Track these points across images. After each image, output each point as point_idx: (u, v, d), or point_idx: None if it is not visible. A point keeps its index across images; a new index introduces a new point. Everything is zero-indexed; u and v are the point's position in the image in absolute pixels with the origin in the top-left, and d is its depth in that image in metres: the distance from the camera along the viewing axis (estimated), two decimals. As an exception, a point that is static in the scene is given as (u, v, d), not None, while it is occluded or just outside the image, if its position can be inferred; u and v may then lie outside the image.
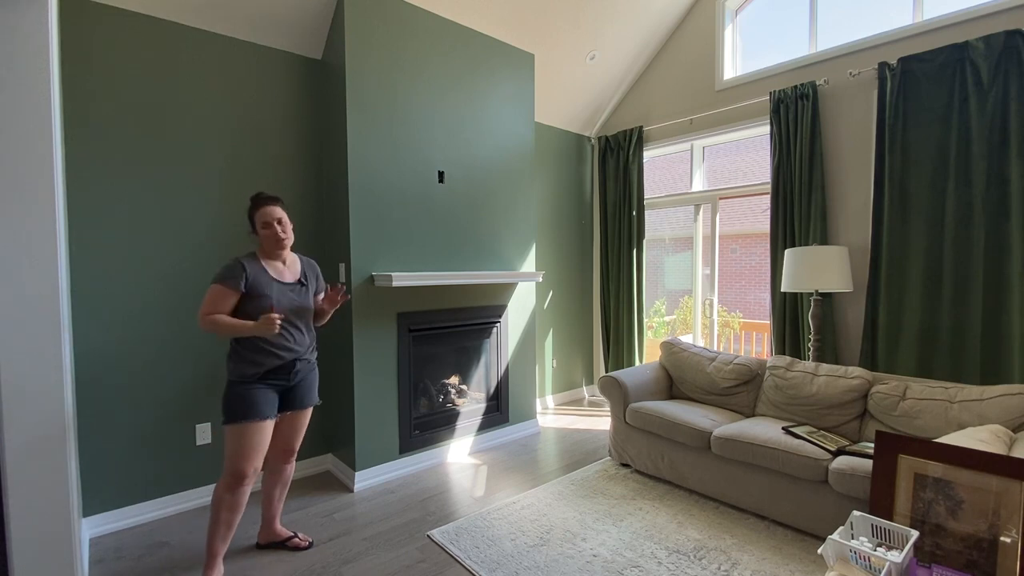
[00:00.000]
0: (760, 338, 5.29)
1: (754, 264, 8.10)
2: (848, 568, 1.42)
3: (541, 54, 3.81)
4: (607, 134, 4.67)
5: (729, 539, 2.33)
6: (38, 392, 1.64)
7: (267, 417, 2.03)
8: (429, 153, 3.16)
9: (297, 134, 3.02)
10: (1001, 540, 1.51)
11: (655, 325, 6.27)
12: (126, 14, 2.46)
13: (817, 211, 3.25)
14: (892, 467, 1.74)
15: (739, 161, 7.60)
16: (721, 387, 3.10)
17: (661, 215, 6.08)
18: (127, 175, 2.49)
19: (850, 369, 2.69)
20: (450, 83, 3.25)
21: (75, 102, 2.35)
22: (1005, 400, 2.20)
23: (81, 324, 2.38)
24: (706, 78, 3.99)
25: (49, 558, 1.66)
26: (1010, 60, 2.58)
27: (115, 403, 2.47)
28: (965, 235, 2.74)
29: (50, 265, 1.65)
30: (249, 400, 2.00)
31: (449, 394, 3.46)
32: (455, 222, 3.33)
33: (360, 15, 2.82)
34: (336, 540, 2.37)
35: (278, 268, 2.13)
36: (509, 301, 3.69)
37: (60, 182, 1.75)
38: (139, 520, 2.53)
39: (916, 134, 2.88)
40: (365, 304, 2.91)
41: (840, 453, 2.31)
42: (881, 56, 3.07)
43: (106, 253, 2.44)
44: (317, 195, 3.12)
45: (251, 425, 1.98)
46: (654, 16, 3.96)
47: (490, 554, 2.23)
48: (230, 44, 2.76)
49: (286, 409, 2.17)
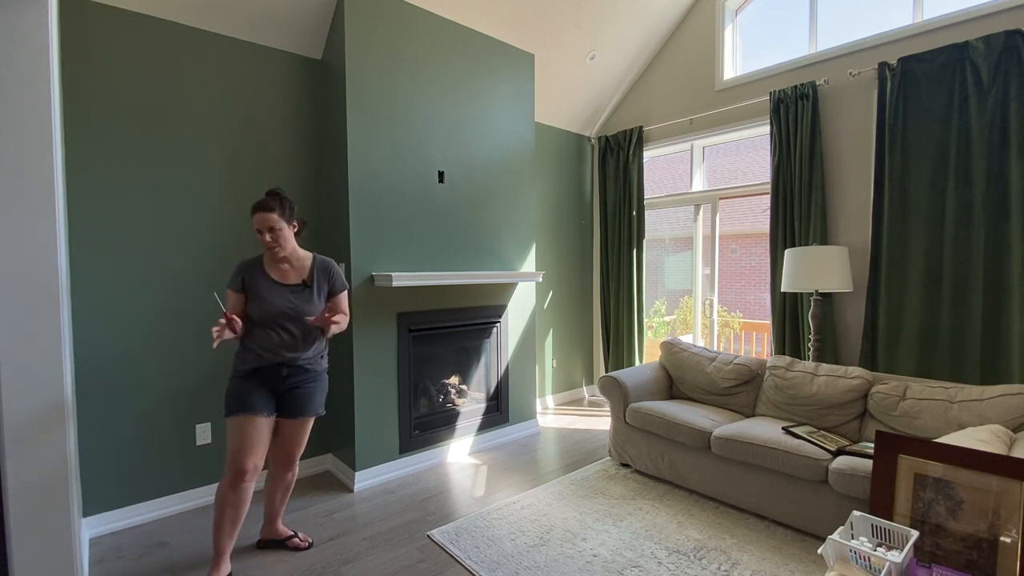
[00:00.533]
0: (760, 338, 5.29)
1: (754, 264, 8.10)
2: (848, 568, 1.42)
3: (541, 54, 3.81)
4: (607, 134, 4.67)
5: (729, 539, 2.33)
6: (38, 392, 1.64)
7: (257, 412, 2.00)
8: (429, 153, 3.16)
9: (297, 134, 3.02)
10: (1001, 540, 1.51)
11: (655, 325, 6.27)
12: (126, 14, 2.46)
13: (817, 211, 3.25)
14: (892, 467, 1.74)
15: (739, 161, 7.60)
16: (721, 387, 3.10)
17: (661, 215, 6.08)
18: (127, 175, 2.49)
19: (850, 369, 2.69)
20: (450, 83, 3.25)
21: (75, 102, 2.35)
22: (1005, 400, 2.20)
23: (81, 324, 2.38)
24: (706, 78, 3.99)
25: (49, 558, 1.66)
26: (1010, 60, 2.58)
27: (115, 403, 2.47)
28: (965, 235, 2.74)
29: (50, 265, 1.65)
30: (236, 393, 2.02)
31: (449, 394, 3.46)
32: (455, 222, 3.33)
33: (360, 15, 2.82)
34: (336, 540, 2.37)
35: (281, 270, 2.12)
36: (509, 301, 3.69)
37: (60, 182, 1.75)
38: (139, 520, 2.53)
39: (916, 134, 2.88)
40: (365, 304, 2.91)
41: (840, 453, 2.31)
42: (881, 56, 3.07)
43: (106, 253, 2.44)
44: (317, 195, 3.12)
45: (241, 419, 1.98)
46: (654, 16, 3.96)
47: (490, 554, 2.23)
48: (230, 44, 2.76)
49: (281, 415, 2.13)
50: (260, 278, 2.07)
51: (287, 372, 2.10)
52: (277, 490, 2.27)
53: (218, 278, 2.74)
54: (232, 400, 2.01)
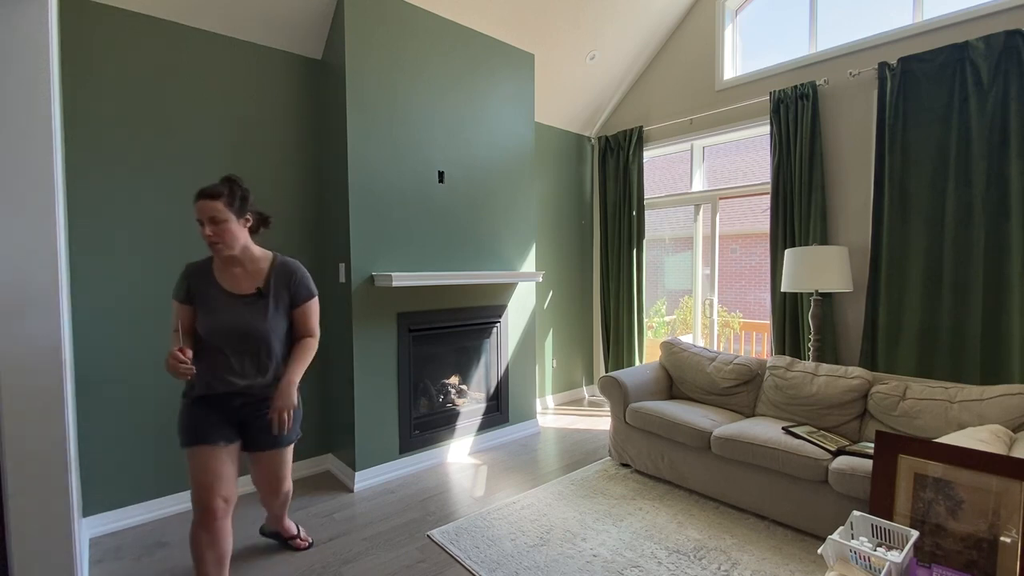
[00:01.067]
0: (760, 338, 5.29)
1: (754, 264, 8.10)
2: (848, 568, 1.42)
3: (541, 54, 3.81)
4: (607, 134, 4.67)
5: (729, 539, 2.33)
6: (38, 392, 1.63)
7: (214, 443, 1.69)
8: (429, 153, 3.16)
9: (297, 134, 3.02)
10: (1001, 540, 1.51)
11: (655, 325, 6.27)
12: (126, 14, 2.46)
13: (817, 211, 3.24)
14: (892, 467, 1.74)
15: (739, 161, 7.60)
16: (721, 387, 3.10)
17: (661, 215, 6.08)
18: (127, 175, 2.48)
19: (850, 369, 2.69)
20: (450, 83, 3.25)
21: (75, 102, 2.35)
22: (1005, 400, 2.20)
23: (81, 324, 2.38)
24: (706, 78, 3.99)
25: (49, 558, 1.66)
26: (1010, 60, 2.58)
27: (115, 403, 2.47)
28: (965, 235, 2.74)
29: (50, 265, 1.65)
30: (189, 422, 1.72)
31: (449, 394, 3.46)
32: (455, 222, 3.33)
33: (360, 15, 2.82)
34: (336, 540, 2.37)
35: (233, 275, 1.76)
36: (509, 301, 3.69)
37: (60, 182, 1.75)
38: (139, 520, 2.53)
39: (916, 134, 2.88)
40: (365, 304, 2.91)
41: (840, 453, 2.31)
42: (881, 56, 3.07)
43: (106, 253, 2.44)
44: (317, 195, 3.12)
45: (197, 450, 1.68)
46: (654, 16, 3.96)
47: (490, 554, 2.23)
48: (230, 44, 2.76)
49: (248, 448, 1.84)
50: (208, 286, 1.73)
51: (241, 402, 1.78)
52: (272, 508, 2.11)
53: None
54: (184, 430, 1.72)
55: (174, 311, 1.77)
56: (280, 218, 2.96)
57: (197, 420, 1.72)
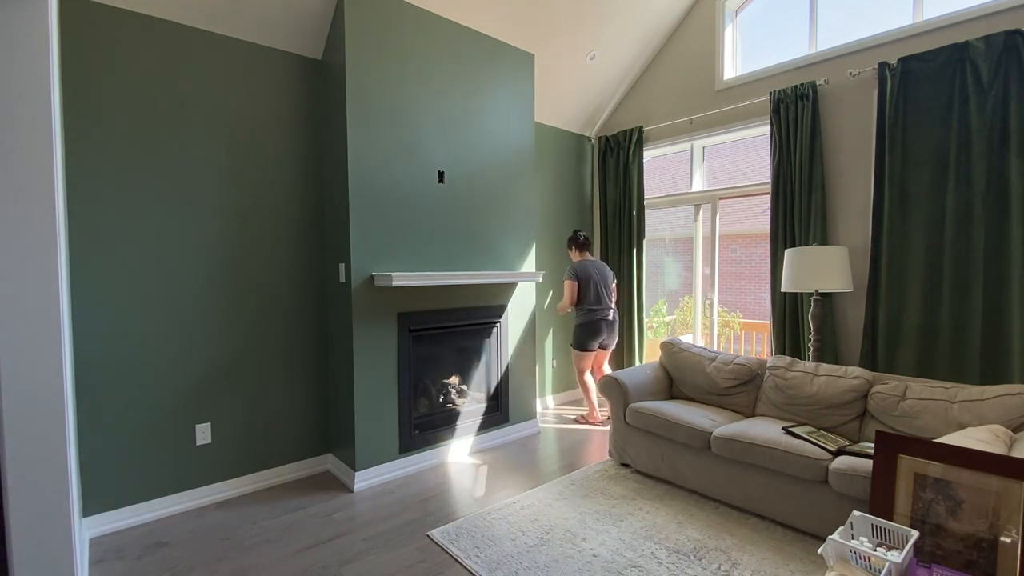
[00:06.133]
0: (760, 338, 5.29)
1: (754, 264, 8.10)
2: (848, 568, 1.42)
3: (541, 54, 3.81)
4: (607, 134, 4.67)
5: (729, 539, 2.33)
6: (38, 392, 1.63)
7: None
8: (429, 153, 3.16)
9: (297, 134, 3.02)
10: (1001, 540, 1.51)
11: (655, 325, 6.27)
12: (126, 14, 2.46)
13: (817, 211, 3.24)
14: (892, 467, 1.74)
15: (739, 161, 7.60)
16: (721, 387, 3.10)
17: (661, 215, 6.07)
18: (127, 175, 2.48)
19: (850, 369, 2.69)
20: (450, 83, 3.25)
21: (75, 102, 2.35)
22: (1005, 400, 2.20)
23: (81, 324, 2.38)
24: (706, 78, 3.99)
25: (49, 558, 1.66)
26: (1010, 60, 2.58)
27: (115, 403, 2.47)
28: (965, 235, 2.74)
29: (50, 265, 1.65)
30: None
31: (449, 394, 3.46)
32: (455, 222, 3.33)
33: (360, 15, 2.82)
34: (336, 540, 2.37)
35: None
36: (509, 301, 3.69)
37: (60, 182, 1.75)
38: (139, 520, 2.53)
39: (916, 134, 2.88)
40: (365, 304, 2.91)
41: (840, 453, 2.31)
42: (881, 56, 3.07)
43: (105, 253, 2.44)
44: (317, 195, 3.12)
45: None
46: (654, 16, 3.96)
47: (490, 554, 2.23)
48: (230, 44, 2.76)
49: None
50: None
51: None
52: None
53: (218, 278, 2.74)
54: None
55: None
56: (280, 218, 2.96)
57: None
